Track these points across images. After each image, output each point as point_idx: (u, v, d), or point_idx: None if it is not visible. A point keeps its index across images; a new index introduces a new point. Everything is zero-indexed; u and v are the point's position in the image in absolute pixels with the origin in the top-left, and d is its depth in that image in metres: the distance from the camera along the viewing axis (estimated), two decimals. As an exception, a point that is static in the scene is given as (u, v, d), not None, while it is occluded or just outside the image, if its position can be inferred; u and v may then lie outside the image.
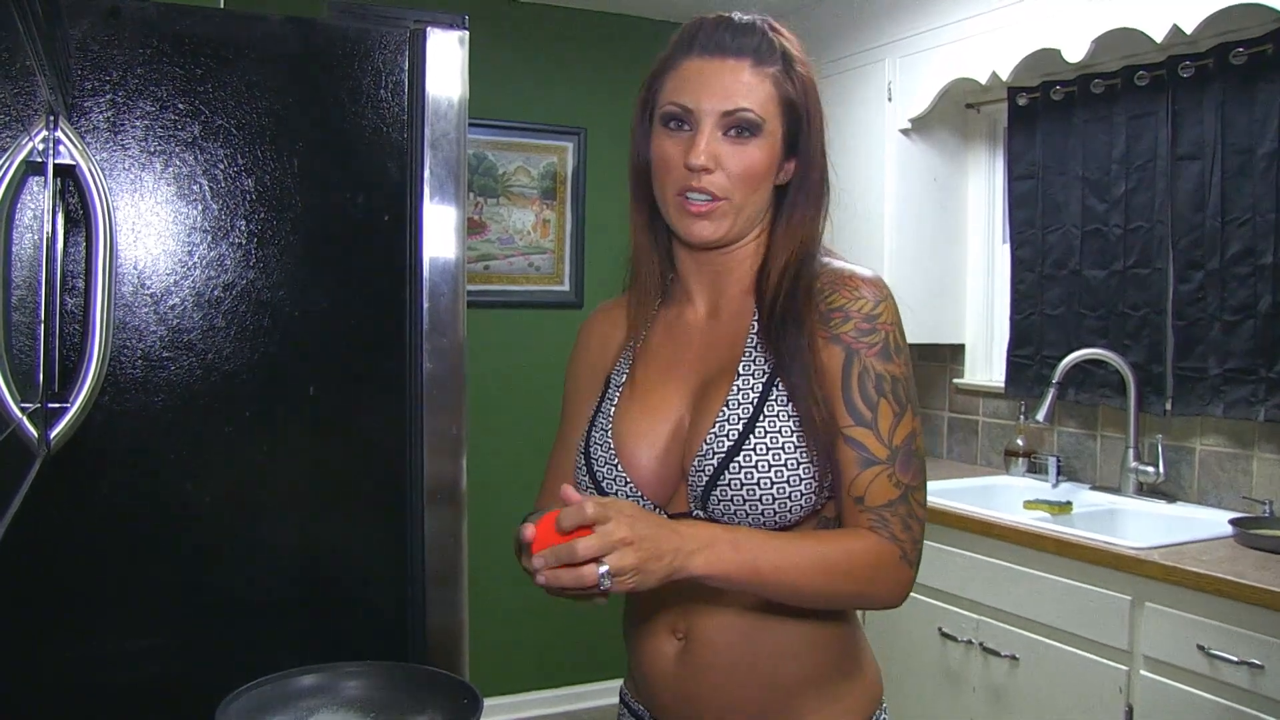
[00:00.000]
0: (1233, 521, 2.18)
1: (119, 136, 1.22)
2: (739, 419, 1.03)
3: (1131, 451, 2.58)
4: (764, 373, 1.06)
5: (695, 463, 1.05)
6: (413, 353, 1.36)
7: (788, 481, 1.01)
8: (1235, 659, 1.82)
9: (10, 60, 0.70)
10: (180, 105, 1.24)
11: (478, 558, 1.91)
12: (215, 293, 1.26)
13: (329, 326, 1.32)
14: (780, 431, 1.02)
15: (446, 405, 1.38)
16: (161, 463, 1.24)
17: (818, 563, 0.98)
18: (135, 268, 1.23)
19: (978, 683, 2.35)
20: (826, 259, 1.11)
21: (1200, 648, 1.88)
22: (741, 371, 1.06)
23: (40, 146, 0.85)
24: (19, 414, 0.74)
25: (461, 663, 1.39)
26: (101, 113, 1.21)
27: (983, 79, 2.73)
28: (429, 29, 1.36)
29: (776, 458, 1.01)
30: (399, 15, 1.36)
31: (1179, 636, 1.93)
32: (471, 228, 3.37)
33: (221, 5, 1.88)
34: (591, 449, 1.11)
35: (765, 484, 1.01)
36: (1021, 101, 2.82)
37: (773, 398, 1.04)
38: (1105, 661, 2.06)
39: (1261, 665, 1.78)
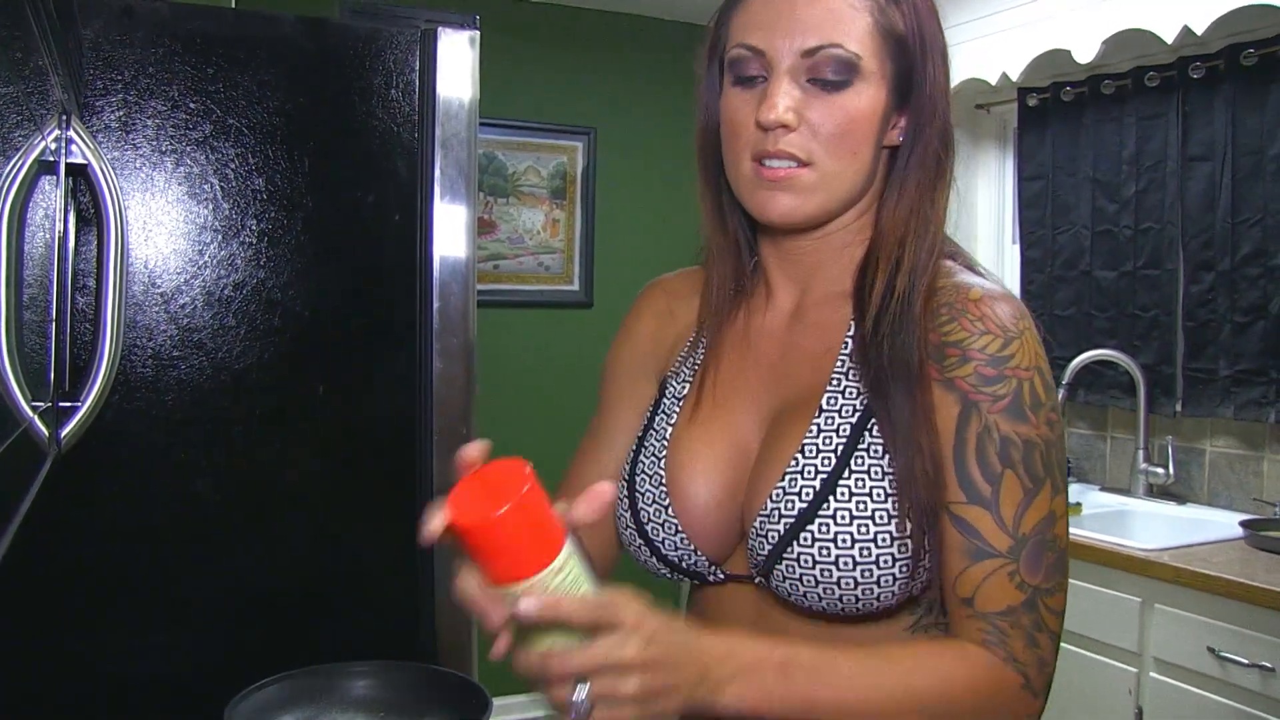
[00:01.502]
0: (1243, 523, 2.17)
1: (130, 136, 1.22)
2: (816, 471, 0.79)
3: (1141, 453, 2.57)
4: (855, 409, 0.80)
5: (758, 524, 0.81)
6: (422, 352, 1.36)
7: (876, 562, 0.76)
8: (1246, 661, 1.81)
9: (24, 60, 0.70)
10: (192, 104, 1.24)
11: (486, 557, 1.92)
12: (226, 292, 1.26)
13: (339, 326, 1.33)
14: (871, 494, 0.77)
15: (456, 404, 1.38)
16: (171, 462, 1.25)
17: (901, 699, 0.73)
18: (146, 267, 1.24)
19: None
20: (949, 261, 0.85)
21: (1211, 650, 1.87)
22: (825, 406, 0.81)
23: (53, 146, 0.85)
24: (30, 413, 0.74)
25: (470, 663, 1.40)
26: (113, 112, 1.21)
27: (993, 79, 2.72)
28: (440, 29, 1.36)
29: (864, 529, 0.76)
30: (410, 15, 1.36)
31: (1189, 639, 1.92)
32: (481, 227, 3.37)
33: (233, 5, 1.88)
34: (638, 479, 0.88)
35: (847, 563, 0.76)
36: (1031, 102, 2.82)
37: (864, 446, 0.79)
38: (1115, 663, 2.05)
39: (1272, 668, 1.77)
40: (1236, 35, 2.31)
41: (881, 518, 0.77)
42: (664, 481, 0.86)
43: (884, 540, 0.77)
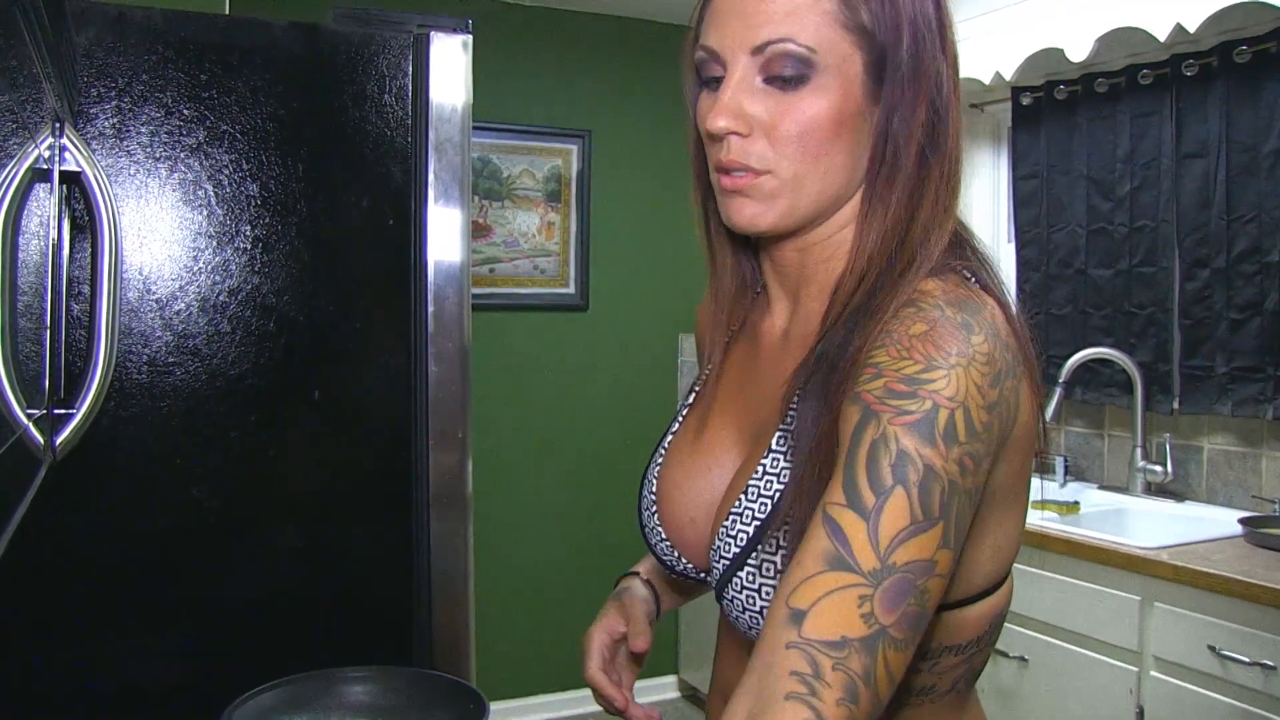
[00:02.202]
0: (1242, 521, 2.17)
1: (124, 142, 1.22)
2: (753, 516, 0.75)
3: (1139, 450, 2.58)
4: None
5: (714, 549, 0.78)
6: (417, 356, 1.37)
7: None
8: (1247, 660, 1.81)
9: (17, 69, 0.70)
10: (185, 111, 1.24)
11: (483, 561, 1.91)
12: (220, 298, 1.26)
13: (334, 330, 1.33)
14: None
15: (451, 409, 1.38)
16: (167, 468, 1.25)
17: None
18: (141, 273, 1.24)
19: (986, 684, 2.34)
20: (934, 281, 0.72)
21: (1211, 648, 1.87)
22: (775, 446, 0.76)
23: (46, 153, 0.85)
24: (25, 420, 0.74)
25: (468, 666, 1.39)
26: (107, 119, 1.21)
27: (986, 79, 2.73)
28: (433, 34, 1.36)
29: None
30: (402, 20, 1.36)
31: (1189, 637, 1.92)
32: (476, 231, 3.37)
33: (226, 11, 1.88)
34: (644, 485, 0.90)
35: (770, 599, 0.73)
36: (1025, 101, 2.82)
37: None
38: (1115, 662, 2.05)
39: (1274, 666, 1.77)
40: (1229, 32, 2.31)
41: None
42: (655, 490, 0.88)
43: None
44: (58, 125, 0.88)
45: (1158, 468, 2.53)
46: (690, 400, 0.91)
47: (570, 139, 3.49)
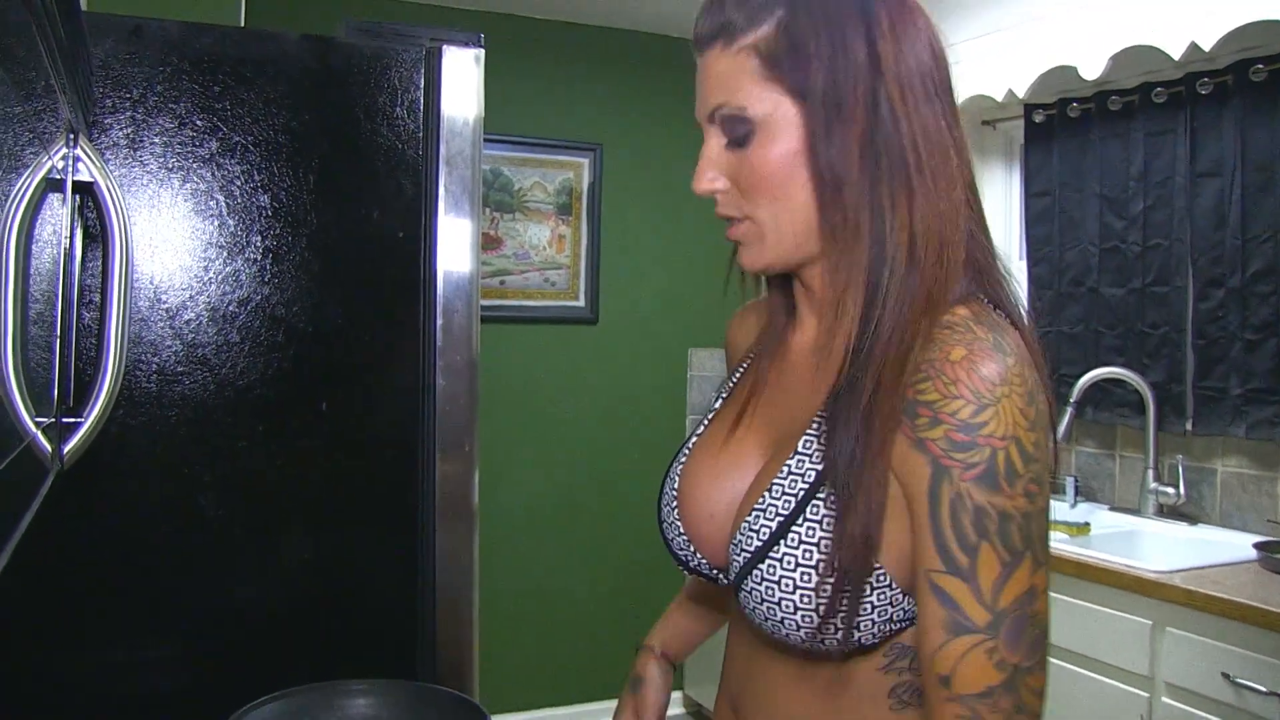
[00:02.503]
0: (1257, 545, 2.15)
1: (138, 153, 1.23)
2: (777, 512, 0.80)
3: (1151, 472, 2.55)
4: (823, 455, 0.80)
5: (733, 545, 0.84)
6: (426, 369, 1.37)
7: (793, 612, 0.78)
8: (1264, 689, 1.78)
9: (33, 80, 0.70)
10: (198, 122, 1.25)
11: (489, 573, 1.91)
12: (230, 308, 1.27)
13: (342, 342, 1.33)
14: (819, 544, 0.77)
15: (459, 421, 1.38)
16: (174, 477, 1.25)
17: None
18: (152, 283, 1.24)
19: (995, 705, 2.32)
20: (962, 310, 0.78)
21: (1225, 675, 1.84)
22: (801, 449, 0.81)
23: (60, 164, 0.86)
24: (33, 428, 0.74)
25: (471, 679, 1.39)
26: (122, 129, 1.22)
27: (999, 96, 2.72)
28: (444, 47, 1.37)
29: (805, 577, 0.77)
30: (415, 34, 1.37)
31: (1202, 663, 1.89)
32: (487, 243, 3.38)
33: (242, 24, 1.90)
34: (666, 483, 0.94)
35: (787, 597, 0.78)
36: (1038, 119, 2.81)
37: (821, 495, 0.78)
38: (1126, 687, 2.03)
39: (1285, 691, 1.75)
40: (1245, 51, 2.30)
41: (806, 575, 0.77)
42: (676, 488, 0.92)
43: (807, 598, 0.77)
44: (72, 136, 0.89)
45: (1170, 489, 2.51)
46: (718, 406, 0.96)
47: (582, 152, 3.50)
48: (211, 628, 1.28)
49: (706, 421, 0.96)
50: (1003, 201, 3.13)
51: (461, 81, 1.38)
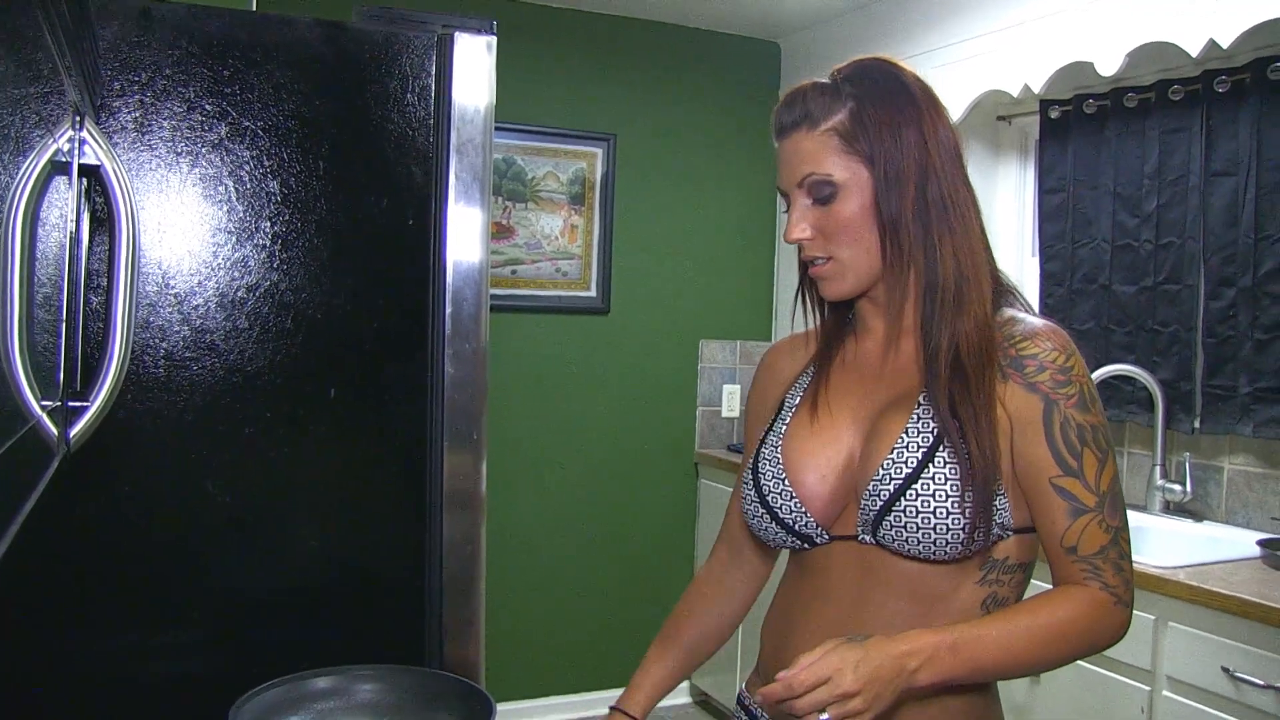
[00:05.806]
0: (1261, 543, 2.14)
1: (146, 137, 1.23)
2: (919, 446, 1.03)
3: (1158, 469, 2.55)
4: (936, 415, 1.05)
5: (870, 486, 1.05)
6: (434, 357, 1.37)
7: (948, 523, 1.01)
8: (1262, 683, 1.78)
9: (38, 62, 0.70)
10: (208, 106, 1.25)
11: (497, 562, 1.91)
12: (239, 294, 1.27)
13: (351, 329, 1.33)
14: (954, 476, 1.02)
15: (467, 410, 1.38)
16: (181, 462, 1.25)
17: (1036, 640, 1.00)
18: (160, 267, 1.24)
19: (998, 701, 2.32)
20: (1009, 310, 1.09)
21: (1225, 670, 1.84)
22: (923, 400, 1.06)
23: (66, 147, 0.85)
24: (39, 411, 0.74)
25: (478, 667, 1.39)
26: (130, 113, 1.22)
27: (1014, 91, 2.71)
28: (457, 34, 1.36)
29: (950, 492, 1.01)
30: (427, 20, 1.36)
31: (1203, 658, 1.89)
32: (499, 232, 3.38)
33: (253, 8, 1.89)
34: (760, 465, 1.13)
35: (939, 515, 1.01)
36: (1053, 114, 2.80)
37: (946, 444, 1.03)
38: (1128, 681, 2.03)
39: (1289, 692, 1.75)
40: (1263, 49, 2.28)
41: (955, 489, 1.01)
42: (781, 464, 1.11)
43: (955, 508, 1.01)
44: (78, 119, 0.89)
45: (1176, 487, 2.50)
46: (796, 403, 1.16)
47: (596, 142, 3.49)
48: (218, 614, 1.28)
49: (789, 417, 1.15)
50: (1016, 197, 3.11)
51: (473, 69, 1.37)
